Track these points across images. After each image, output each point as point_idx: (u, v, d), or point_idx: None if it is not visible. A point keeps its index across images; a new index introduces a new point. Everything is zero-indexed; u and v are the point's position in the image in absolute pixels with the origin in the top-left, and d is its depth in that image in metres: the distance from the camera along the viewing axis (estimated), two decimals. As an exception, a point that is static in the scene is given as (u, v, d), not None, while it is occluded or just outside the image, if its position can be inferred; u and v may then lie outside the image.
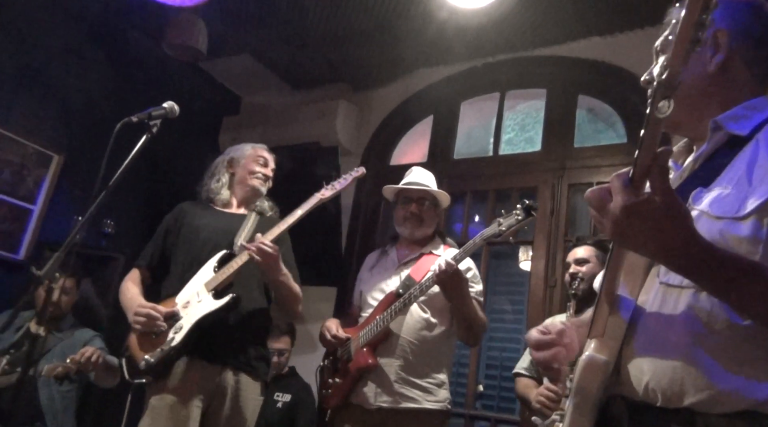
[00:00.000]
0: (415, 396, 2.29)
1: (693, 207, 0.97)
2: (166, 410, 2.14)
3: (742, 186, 0.93)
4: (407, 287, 2.33)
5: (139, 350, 2.22)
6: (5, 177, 3.56)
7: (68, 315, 3.27)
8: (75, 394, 3.14)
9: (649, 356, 0.94)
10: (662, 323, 0.95)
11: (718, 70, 1.07)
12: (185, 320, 2.20)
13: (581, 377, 0.99)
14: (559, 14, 3.51)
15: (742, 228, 0.90)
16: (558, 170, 3.58)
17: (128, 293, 2.37)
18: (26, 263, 3.55)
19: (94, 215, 1.91)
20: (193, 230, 2.42)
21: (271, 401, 3.37)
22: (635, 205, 0.81)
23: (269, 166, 2.63)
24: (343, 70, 4.31)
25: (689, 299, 0.93)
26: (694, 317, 0.91)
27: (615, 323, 1.00)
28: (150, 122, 2.02)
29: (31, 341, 2.82)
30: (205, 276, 2.29)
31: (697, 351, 0.89)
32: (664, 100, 0.78)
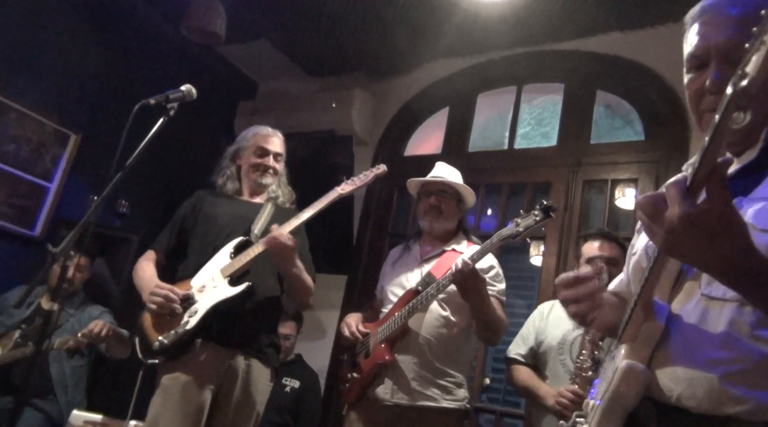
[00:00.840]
0: (433, 394, 2.28)
1: None
2: (177, 389, 2.16)
3: None
4: (427, 284, 2.30)
5: (153, 330, 2.24)
6: (23, 154, 3.61)
7: (80, 292, 3.33)
8: (86, 369, 3.20)
9: (686, 366, 0.93)
10: (702, 335, 0.93)
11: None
12: (200, 303, 2.22)
13: (619, 384, 0.97)
14: (579, 8, 3.47)
15: None
16: (573, 166, 3.55)
17: (144, 272, 2.38)
18: (42, 239, 3.60)
19: (109, 195, 1.93)
20: (209, 217, 2.44)
21: (279, 385, 3.40)
22: (695, 216, 0.78)
23: (270, 155, 2.56)
24: (360, 58, 4.30)
25: (732, 312, 0.90)
26: (736, 332, 0.89)
27: (651, 329, 0.98)
28: (167, 105, 2.03)
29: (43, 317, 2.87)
30: (221, 262, 2.30)
31: (738, 366, 0.88)
32: (740, 112, 0.75)
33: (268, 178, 2.55)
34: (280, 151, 2.61)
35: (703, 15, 1.06)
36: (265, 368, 2.33)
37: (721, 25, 1.02)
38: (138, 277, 2.39)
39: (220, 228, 2.39)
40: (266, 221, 2.41)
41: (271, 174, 2.56)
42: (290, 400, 3.37)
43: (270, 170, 2.55)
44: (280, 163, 2.62)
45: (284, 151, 2.63)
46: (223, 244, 2.35)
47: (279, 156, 2.59)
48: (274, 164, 2.56)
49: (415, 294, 2.32)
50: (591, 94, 3.72)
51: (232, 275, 2.25)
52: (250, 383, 2.27)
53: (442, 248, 2.49)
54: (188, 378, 2.17)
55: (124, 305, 3.36)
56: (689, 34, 1.08)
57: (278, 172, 2.60)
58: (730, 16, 1.00)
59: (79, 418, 2.72)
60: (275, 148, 2.58)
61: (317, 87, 4.60)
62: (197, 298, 2.24)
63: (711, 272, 0.87)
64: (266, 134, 2.59)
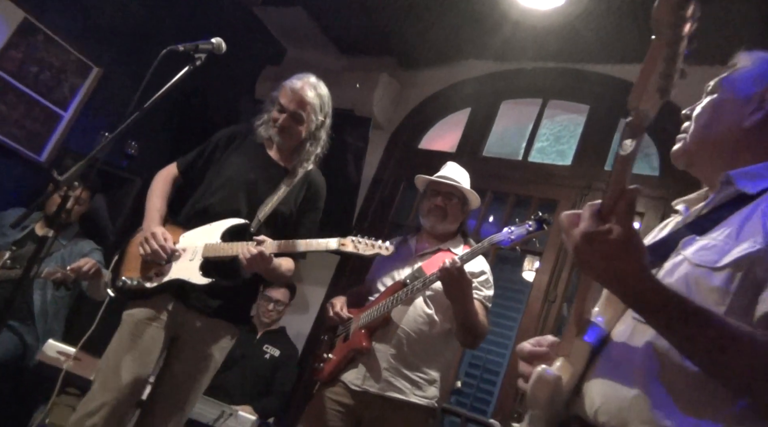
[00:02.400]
0: (403, 387, 2.29)
1: (681, 252, 1.02)
2: (130, 327, 2.15)
3: (729, 240, 0.97)
4: (415, 278, 2.31)
5: (128, 263, 2.25)
6: (44, 78, 3.60)
7: (75, 225, 3.34)
8: (68, 301, 3.21)
9: (605, 383, 0.99)
10: (624, 355, 0.99)
11: (753, 127, 1.09)
12: (173, 269, 2.19)
13: (532, 389, 1.03)
14: (620, 34, 3.44)
15: (715, 278, 0.94)
16: (583, 189, 3.54)
17: (156, 200, 2.32)
18: (47, 166, 3.60)
19: (121, 133, 1.92)
20: (225, 166, 2.35)
21: (260, 351, 3.44)
22: (594, 234, 0.87)
23: (285, 113, 2.32)
24: (393, 43, 4.27)
25: (651, 336, 0.97)
26: (652, 354, 0.96)
27: (580, 346, 1.04)
28: (195, 54, 2.02)
29: (36, 242, 2.88)
30: (211, 235, 2.22)
31: (649, 387, 0.93)
32: (629, 139, 0.85)
33: (282, 137, 2.35)
34: (298, 111, 2.32)
35: None
36: (227, 324, 2.28)
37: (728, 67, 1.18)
38: (149, 200, 2.34)
39: (227, 184, 2.30)
40: (273, 207, 2.30)
41: (286, 134, 2.35)
42: (267, 367, 3.41)
43: (285, 130, 2.34)
44: (303, 125, 2.34)
45: (315, 111, 2.35)
46: (223, 207, 2.26)
47: (296, 115, 2.32)
48: (286, 123, 2.33)
49: (402, 286, 2.33)
50: (614, 121, 3.70)
51: (210, 259, 2.18)
52: (210, 337, 2.23)
53: (438, 247, 2.50)
54: (142, 318, 2.16)
55: (116, 246, 3.37)
56: None
57: (293, 133, 2.35)
58: None
59: (53, 348, 2.74)
60: (292, 106, 2.31)
61: (344, 64, 4.58)
62: (174, 259, 2.20)
63: (611, 289, 0.95)
64: (291, 87, 2.33)
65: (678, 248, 1.03)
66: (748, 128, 1.09)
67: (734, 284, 0.93)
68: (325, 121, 2.41)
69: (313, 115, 2.35)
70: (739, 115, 1.11)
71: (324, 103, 2.39)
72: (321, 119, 2.39)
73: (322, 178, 2.47)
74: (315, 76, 2.42)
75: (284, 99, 2.32)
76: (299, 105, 2.32)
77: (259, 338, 3.52)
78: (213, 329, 2.24)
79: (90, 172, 1.89)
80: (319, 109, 2.36)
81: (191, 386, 2.21)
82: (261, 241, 2.11)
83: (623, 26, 3.38)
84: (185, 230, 2.28)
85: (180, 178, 2.42)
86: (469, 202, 2.54)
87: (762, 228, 0.95)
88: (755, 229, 0.96)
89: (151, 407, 2.19)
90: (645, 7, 3.18)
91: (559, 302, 3.33)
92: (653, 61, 0.85)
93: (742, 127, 1.10)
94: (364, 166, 4.06)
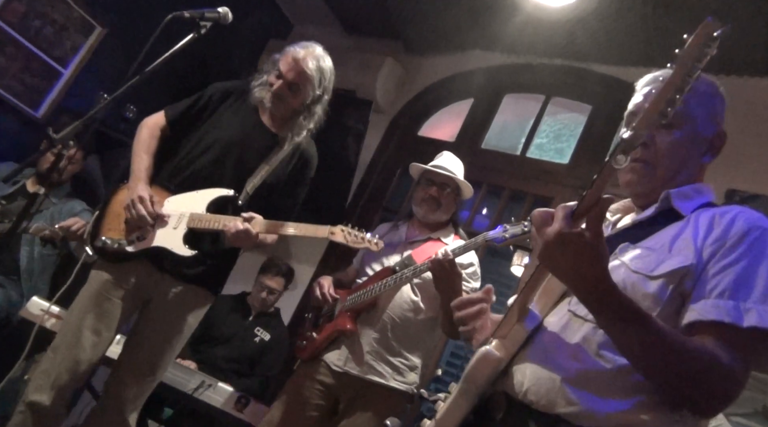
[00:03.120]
0: (384, 371, 2.31)
1: (618, 257, 1.12)
2: (96, 286, 2.13)
3: (662, 252, 1.09)
4: (405, 265, 2.32)
5: (108, 222, 2.20)
6: (46, 33, 3.55)
7: (67, 184, 3.31)
8: (54, 260, 3.20)
9: (537, 366, 1.08)
10: (556, 343, 1.09)
11: (678, 147, 1.19)
12: (156, 235, 2.14)
13: (473, 366, 1.12)
14: (628, 36, 3.43)
15: (650, 286, 1.05)
16: (578, 189, 3.55)
17: (144, 156, 2.23)
18: (43, 122, 3.57)
19: (121, 96, 1.90)
20: (216, 124, 2.28)
21: (251, 333, 3.42)
22: (568, 235, 0.93)
23: (284, 80, 2.22)
24: (401, 27, 4.23)
25: (587, 331, 1.07)
26: (585, 346, 1.06)
27: (518, 331, 1.13)
28: (200, 22, 1.99)
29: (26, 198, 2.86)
30: (198, 204, 2.16)
31: (578, 373, 1.04)
32: (622, 155, 0.90)
33: (275, 104, 2.26)
34: (295, 81, 2.22)
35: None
36: (202, 290, 2.24)
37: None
38: (136, 153, 2.24)
39: (216, 146, 2.23)
40: (262, 178, 2.25)
41: (279, 102, 2.25)
42: (255, 350, 3.39)
43: (278, 98, 2.24)
44: (298, 96, 2.25)
45: (313, 85, 2.25)
46: (209, 171, 2.20)
47: (293, 85, 2.23)
48: (281, 91, 2.23)
49: (391, 273, 2.33)
50: (615, 123, 3.69)
51: (194, 230, 2.13)
52: (183, 301, 2.20)
53: (429, 236, 2.51)
54: (110, 278, 2.13)
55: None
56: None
57: (286, 102, 2.26)
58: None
59: (37, 305, 2.73)
60: (290, 76, 2.22)
61: (349, 44, 4.54)
62: (159, 224, 2.15)
63: (571, 288, 1.03)
64: (293, 55, 2.23)
65: (615, 252, 1.12)
66: (673, 150, 1.20)
67: (666, 294, 1.04)
68: (322, 97, 2.32)
69: (310, 89, 2.26)
70: (698, 153, 1.22)
71: (324, 77, 2.29)
72: (318, 94, 2.29)
73: (314, 151, 2.40)
74: (322, 47, 2.33)
75: (284, 66, 2.24)
76: (297, 75, 2.23)
77: (252, 319, 3.49)
78: (187, 294, 2.20)
79: (86, 133, 1.87)
80: (317, 83, 2.27)
81: (162, 349, 2.17)
82: (249, 218, 2.07)
83: (632, 28, 3.37)
84: (171, 194, 2.21)
85: (167, 129, 2.31)
86: (462, 192, 2.54)
87: (693, 245, 1.06)
88: (686, 245, 1.07)
89: (121, 369, 2.16)
90: (655, 10, 3.17)
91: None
92: (668, 89, 0.89)
93: (696, 162, 1.22)
94: (363, 148, 4.04)
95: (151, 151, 2.26)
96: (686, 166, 1.21)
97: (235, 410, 2.78)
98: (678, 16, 3.14)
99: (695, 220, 1.12)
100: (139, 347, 2.17)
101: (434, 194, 2.48)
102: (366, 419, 2.26)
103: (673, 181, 1.19)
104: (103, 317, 2.10)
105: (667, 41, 3.35)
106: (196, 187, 2.20)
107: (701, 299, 1.02)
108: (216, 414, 2.79)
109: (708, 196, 1.20)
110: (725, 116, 1.26)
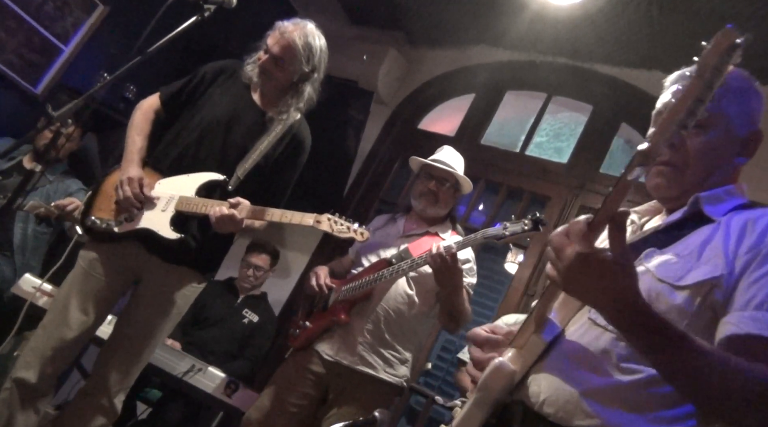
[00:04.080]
0: (375, 363, 2.31)
1: (643, 263, 1.05)
2: (84, 265, 2.13)
3: (690, 259, 1.01)
4: (401, 258, 2.32)
5: (99, 202, 2.19)
6: (47, 9, 3.52)
7: (63, 162, 3.30)
8: (48, 238, 3.19)
9: (554, 377, 1.04)
10: (575, 354, 1.04)
11: (710, 149, 1.12)
12: (144, 217, 2.12)
13: (488, 376, 1.09)
14: (633, 38, 3.42)
15: (677, 297, 0.98)
16: (576, 188, 3.55)
17: (137, 138, 2.20)
18: (41, 99, 3.54)
19: (122, 75, 1.89)
20: (207, 105, 2.24)
21: (239, 315, 3.44)
22: (590, 255, 0.87)
23: (269, 54, 2.19)
24: (406, 18, 4.21)
25: (608, 341, 1.01)
26: (605, 358, 1.01)
27: (536, 342, 1.09)
28: (204, 5, 1.97)
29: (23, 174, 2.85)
30: (188, 188, 2.14)
31: (597, 387, 0.99)
32: (640, 168, 0.85)
33: (262, 80, 2.23)
34: (282, 56, 2.18)
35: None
36: (192, 271, 2.22)
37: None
38: (130, 136, 2.21)
39: (207, 126, 2.19)
40: (254, 162, 2.20)
41: (265, 77, 2.22)
42: (244, 332, 3.42)
43: (264, 73, 2.21)
44: (283, 71, 2.20)
45: (300, 60, 2.20)
46: (200, 153, 2.17)
47: (281, 61, 2.18)
48: (266, 65, 2.20)
49: (388, 265, 2.33)
50: (616, 124, 3.70)
51: (182, 213, 2.10)
52: (172, 282, 2.18)
53: (426, 230, 2.50)
54: (98, 258, 2.13)
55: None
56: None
57: (272, 77, 2.22)
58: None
59: (29, 282, 2.72)
60: (275, 49, 2.18)
61: (353, 34, 4.52)
62: (147, 206, 2.13)
63: (601, 311, 0.96)
64: (281, 29, 2.21)
65: (641, 258, 1.06)
66: (706, 151, 1.12)
67: (694, 306, 0.97)
68: (311, 75, 2.25)
69: (297, 64, 2.20)
70: (731, 154, 1.14)
71: (313, 54, 2.23)
72: (306, 71, 2.23)
73: (308, 133, 2.35)
74: (315, 24, 2.28)
75: (271, 39, 2.21)
76: (283, 50, 2.18)
77: (240, 301, 3.52)
78: (176, 275, 2.18)
79: (84, 111, 1.86)
80: (305, 59, 2.21)
81: (150, 331, 2.16)
82: (235, 204, 2.04)
83: (635, 30, 3.36)
84: (162, 176, 2.18)
85: (162, 111, 2.28)
86: (461, 188, 2.54)
87: (723, 253, 0.99)
88: (716, 253, 1.00)
89: (109, 350, 2.16)
90: (661, 11, 3.16)
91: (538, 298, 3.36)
92: (685, 100, 0.83)
93: (729, 164, 1.14)
94: (362, 139, 4.03)
95: (145, 134, 2.24)
96: (718, 169, 1.13)
97: (225, 394, 2.79)
98: (683, 19, 3.13)
99: (726, 224, 1.04)
100: (127, 328, 2.16)
101: (433, 189, 2.48)
102: (355, 410, 2.26)
103: (703, 185, 1.12)
104: (90, 296, 2.10)
105: (671, 43, 3.34)
106: (185, 168, 2.17)
107: (737, 312, 0.95)
108: (205, 398, 2.80)
109: (741, 199, 1.12)
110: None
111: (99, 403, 2.10)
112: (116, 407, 2.13)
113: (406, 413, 3.72)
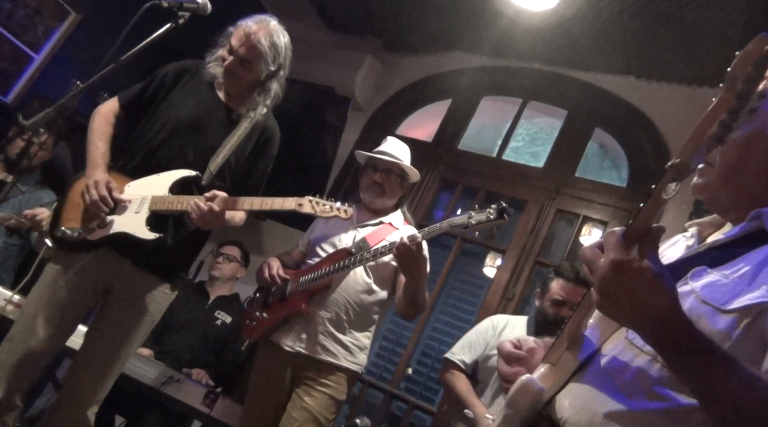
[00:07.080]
0: (336, 351, 2.34)
1: (689, 282, 0.95)
2: (50, 277, 2.08)
3: (742, 282, 0.91)
4: (360, 248, 2.34)
5: (68, 212, 2.15)
6: (17, 17, 3.47)
7: (36, 171, 3.24)
8: (19, 250, 3.12)
9: (581, 395, 1.00)
10: (608, 373, 0.98)
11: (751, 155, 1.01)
12: (117, 221, 2.08)
13: (515, 393, 1.06)
14: (606, 44, 3.49)
15: (720, 321, 0.89)
16: (552, 192, 3.59)
17: (99, 143, 2.15)
18: (12, 108, 3.48)
19: (94, 84, 1.87)
20: (173, 105, 2.20)
21: (211, 317, 3.38)
22: (626, 262, 0.80)
23: (235, 56, 2.15)
24: (382, 26, 4.23)
25: (643, 363, 0.94)
26: (639, 380, 0.93)
27: (568, 359, 1.05)
28: (179, 12, 1.96)
29: (-7, 185, 2.79)
30: (160, 187, 2.10)
31: (623, 410, 0.93)
32: (674, 183, 0.80)
33: (227, 80, 2.20)
34: (247, 57, 2.16)
35: None
36: (165, 283, 2.19)
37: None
38: (91, 142, 2.16)
39: (174, 127, 2.15)
40: (225, 157, 2.18)
41: (232, 78, 2.19)
42: (219, 334, 3.34)
43: (230, 74, 2.18)
44: (250, 72, 2.18)
45: (266, 61, 2.18)
46: (170, 153, 2.14)
47: (244, 62, 2.16)
48: (233, 67, 2.16)
49: (348, 255, 2.34)
50: (590, 129, 3.75)
51: (157, 212, 2.07)
52: (144, 290, 2.14)
53: (380, 219, 2.54)
54: (65, 269, 2.08)
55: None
56: None
57: (238, 78, 2.19)
58: None
59: (1, 295, 2.66)
60: (241, 51, 2.15)
61: (329, 41, 4.52)
62: (118, 210, 2.08)
63: (637, 329, 0.88)
64: (245, 30, 2.17)
65: (687, 276, 0.96)
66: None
67: (738, 331, 0.87)
68: (277, 73, 2.25)
69: (263, 64, 2.19)
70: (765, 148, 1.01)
71: (278, 53, 2.22)
72: (272, 69, 2.22)
73: (276, 125, 2.34)
74: (276, 20, 2.26)
75: (235, 41, 2.16)
76: (249, 51, 2.15)
77: (211, 303, 3.44)
78: (148, 282, 2.15)
79: (57, 120, 1.83)
80: (271, 59, 2.20)
81: (122, 340, 2.12)
82: (212, 197, 2.01)
83: (610, 36, 3.42)
84: (131, 178, 2.13)
85: (122, 114, 2.23)
86: (408, 177, 2.57)
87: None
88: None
89: (79, 362, 2.11)
90: (632, 19, 3.22)
91: (517, 301, 3.39)
92: (716, 113, 0.78)
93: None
94: (340, 144, 4.03)
95: (107, 138, 2.19)
96: None
97: (204, 405, 2.75)
98: (654, 26, 3.20)
99: None
100: (98, 339, 2.12)
101: (378, 180, 2.51)
102: (318, 398, 2.29)
103: (764, 198, 0.99)
104: (58, 308, 2.05)
105: (643, 49, 3.41)
106: (156, 170, 2.13)
107: None
108: (184, 409, 2.76)
109: None
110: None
111: (71, 416, 2.05)
112: (89, 420, 2.08)
113: (388, 420, 3.71)
